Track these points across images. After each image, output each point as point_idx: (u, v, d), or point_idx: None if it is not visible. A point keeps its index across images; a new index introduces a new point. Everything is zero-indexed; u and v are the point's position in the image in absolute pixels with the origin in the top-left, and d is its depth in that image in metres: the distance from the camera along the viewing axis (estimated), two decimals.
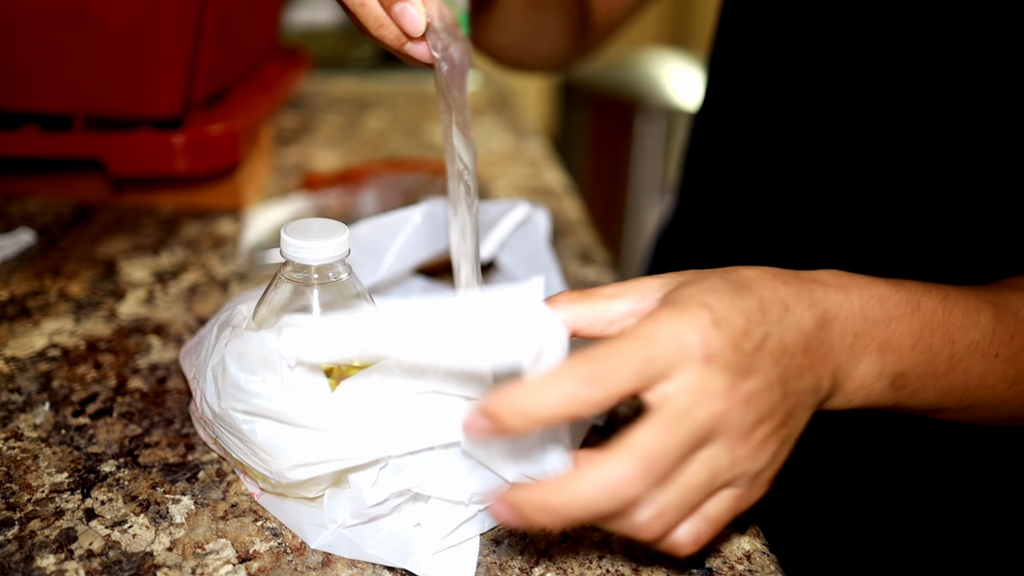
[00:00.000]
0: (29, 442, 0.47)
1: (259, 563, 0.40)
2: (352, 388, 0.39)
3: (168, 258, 0.67)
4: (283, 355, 0.38)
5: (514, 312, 0.34)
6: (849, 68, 0.56)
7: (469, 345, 0.34)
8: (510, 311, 0.34)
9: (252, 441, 0.39)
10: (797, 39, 0.59)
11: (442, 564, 0.40)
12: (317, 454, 0.39)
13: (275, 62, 0.85)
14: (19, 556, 0.39)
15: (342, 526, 0.41)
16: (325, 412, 0.39)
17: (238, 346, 0.40)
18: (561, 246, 0.73)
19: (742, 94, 0.65)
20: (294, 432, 0.39)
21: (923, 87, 0.53)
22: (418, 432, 0.39)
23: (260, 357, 0.39)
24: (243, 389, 0.39)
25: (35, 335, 0.56)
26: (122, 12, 0.61)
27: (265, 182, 0.81)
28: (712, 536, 0.36)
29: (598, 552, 0.42)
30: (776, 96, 0.61)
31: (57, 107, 0.66)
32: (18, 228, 0.69)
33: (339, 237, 0.42)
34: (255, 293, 0.46)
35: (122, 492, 0.43)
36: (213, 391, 0.41)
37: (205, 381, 0.42)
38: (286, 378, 0.39)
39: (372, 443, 0.39)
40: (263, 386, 0.39)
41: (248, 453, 0.40)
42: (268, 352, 0.39)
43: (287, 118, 1.00)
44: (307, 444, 0.39)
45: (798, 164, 0.60)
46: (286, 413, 0.39)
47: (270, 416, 0.39)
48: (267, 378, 0.39)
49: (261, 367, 0.39)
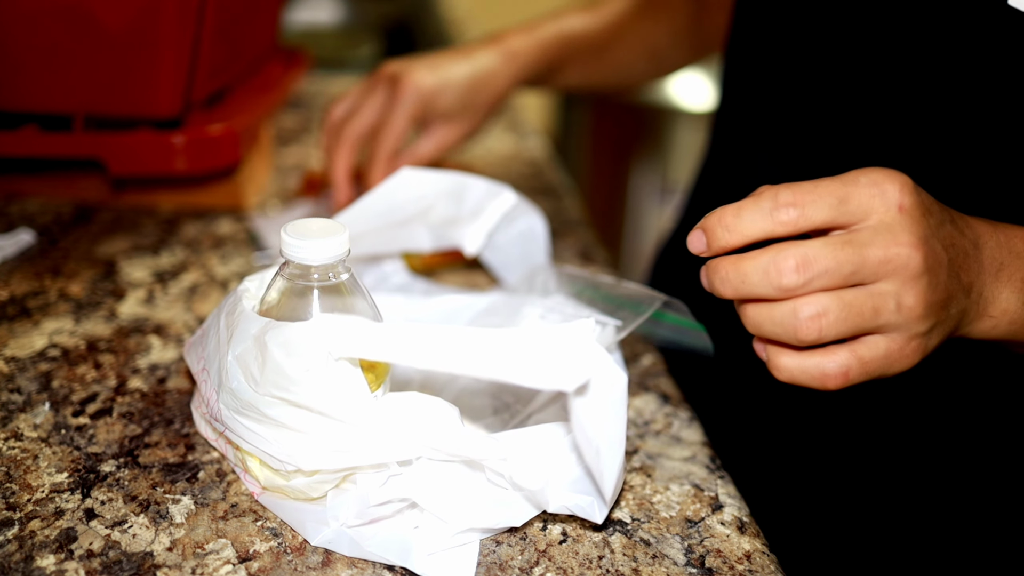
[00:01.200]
0: (29, 442, 0.47)
1: (259, 563, 0.40)
2: (395, 397, 0.40)
3: (168, 258, 0.67)
4: (331, 348, 0.39)
5: (566, 344, 0.37)
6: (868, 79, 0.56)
7: (519, 367, 0.36)
8: (563, 343, 0.37)
9: (282, 424, 0.40)
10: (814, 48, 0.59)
11: (442, 564, 0.40)
12: (340, 445, 0.39)
13: (275, 62, 0.85)
14: (19, 556, 0.39)
15: (344, 525, 0.41)
16: (365, 411, 0.39)
17: (284, 334, 0.40)
18: (561, 246, 0.73)
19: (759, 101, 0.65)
20: (321, 421, 0.39)
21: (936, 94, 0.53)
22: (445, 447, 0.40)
23: (306, 346, 0.39)
24: (288, 376, 0.39)
25: (35, 335, 0.56)
26: (122, 12, 0.61)
27: (265, 182, 0.81)
28: (859, 378, 0.38)
29: (598, 552, 0.42)
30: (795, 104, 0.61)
31: (57, 107, 0.66)
32: (18, 228, 0.69)
33: (339, 237, 0.42)
34: (259, 275, 0.47)
35: (122, 492, 0.43)
36: (240, 378, 0.41)
37: (225, 370, 0.42)
38: (328, 371, 0.39)
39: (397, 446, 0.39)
40: (307, 376, 0.39)
41: (266, 442, 0.40)
42: (314, 343, 0.39)
43: (287, 118, 1.00)
44: (332, 434, 0.39)
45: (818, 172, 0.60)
46: (327, 406, 0.39)
47: (308, 406, 0.39)
48: (311, 368, 0.39)
49: (305, 356, 0.39)
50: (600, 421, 0.38)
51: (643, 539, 0.43)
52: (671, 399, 0.55)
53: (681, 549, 0.42)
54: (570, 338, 0.37)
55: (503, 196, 0.59)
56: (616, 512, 0.44)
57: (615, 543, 0.42)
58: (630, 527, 0.43)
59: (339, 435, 0.39)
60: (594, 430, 0.38)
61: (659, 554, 0.42)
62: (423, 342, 0.38)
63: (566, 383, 0.36)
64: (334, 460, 0.40)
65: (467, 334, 0.38)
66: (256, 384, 0.40)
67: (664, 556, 0.42)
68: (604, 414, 0.38)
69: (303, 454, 0.40)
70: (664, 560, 0.41)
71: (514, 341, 0.37)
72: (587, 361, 0.37)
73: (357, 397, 0.39)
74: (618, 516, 0.44)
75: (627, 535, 0.43)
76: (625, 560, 0.41)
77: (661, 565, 0.41)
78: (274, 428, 0.40)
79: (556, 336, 0.37)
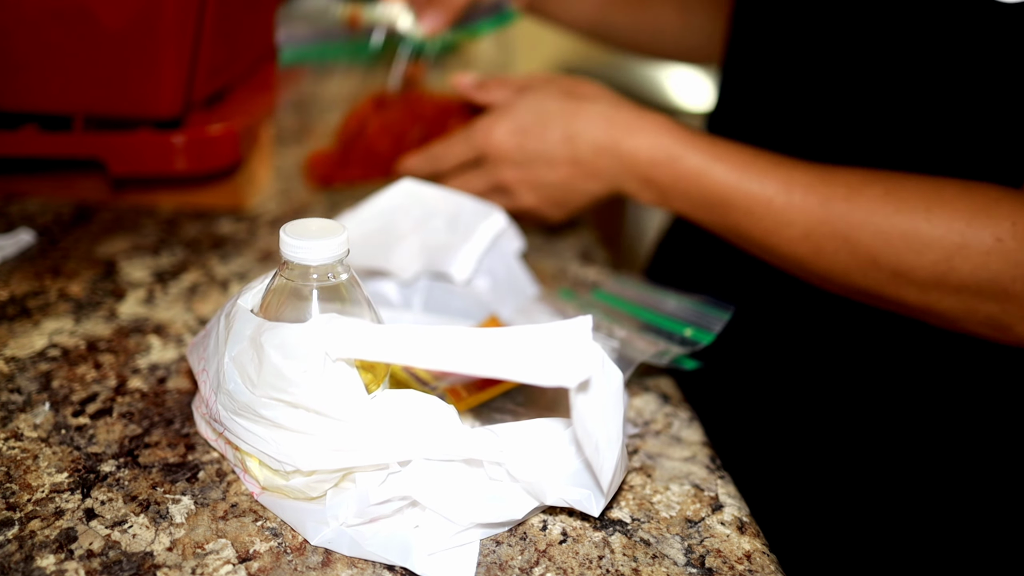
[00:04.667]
0: (29, 442, 0.47)
1: (259, 563, 0.40)
2: (392, 395, 0.40)
3: (168, 258, 0.67)
4: (328, 349, 0.39)
5: (566, 341, 0.37)
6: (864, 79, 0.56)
7: (521, 365, 0.37)
8: (562, 340, 0.37)
9: (279, 425, 0.40)
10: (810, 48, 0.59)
11: (442, 564, 0.40)
12: (338, 444, 0.39)
13: (275, 62, 0.85)
14: (19, 556, 0.39)
15: (344, 524, 0.41)
16: (363, 410, 0.39)
17: (281, 336, 0.40)
18: (561, 246, 0.73)
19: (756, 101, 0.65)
20: (319, 421, 0.39)
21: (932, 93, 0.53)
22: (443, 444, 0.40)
23: (303, 348, 0.39)
24: (285, 377, 0.39)
25: (35, 335, 0.56)
26: (122, 12, 0.61)
27: (265, 182, 0.81)
28: None
29: (598, 552, 0.42)
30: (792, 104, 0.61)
31: (57, 107, 0.66)
32: (18, 228, 0.69)
33: (338, 237, 0.42)
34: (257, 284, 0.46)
35: (122, 492, 0.43)
36: (237, 379, 0.41)
37: (222, 371, 0.42)
38: (325, 371, 0.39)
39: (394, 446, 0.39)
40: (304, 377, 0.39)
41: (264, 442, 0.40)
42: (311, 344, 0.39)
43: (287, 118, 1.00)
44: (330, 434, 0.39)
45: None
46: (325, 406, 0.39)
47: (306, 407, 0.39)
48: (308, 369, 0.39)
49: (302, 358, 0.39)
50: (600, 416, 0.39)
51: (643, 539, 0.43)
52: (671, 399, 0.55)
53: (681, 549, 0.42)
54: (569, 334, 0.37)
55: (493, 218, 0.59)
56: (616, 512, 0.44)
57: (615, 543, 0.42)
58: (630, 527, 0.43)
59: (337, 435, 0.39)
60: (594, 424, 0.38)
61: (659, 554, 0.42)
62: (422, 342, 0.38)
63: (569, 379, 0.36)
64: (332, 460, 0.40)
65: (467, 333, 0.38)
66: (253, 386, 0.40)
67: (664, 556, 0.42)
68: (603, 409, 0.39)
69: (301, 454, 0.40)
70: (664, 560, 0.41)
71: (514, 339, 0.37)
72: (587, 358, 0.37)
73: (354, 397, 0.39)
74: (618, 516, 0.44)
75: (627, 535, 0.43)
76: (625, 560, 0.41)
77: (661, 565, 0.41)
78: (271, 429, 0.40)
79: (555, 333, 0.37)
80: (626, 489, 0.46)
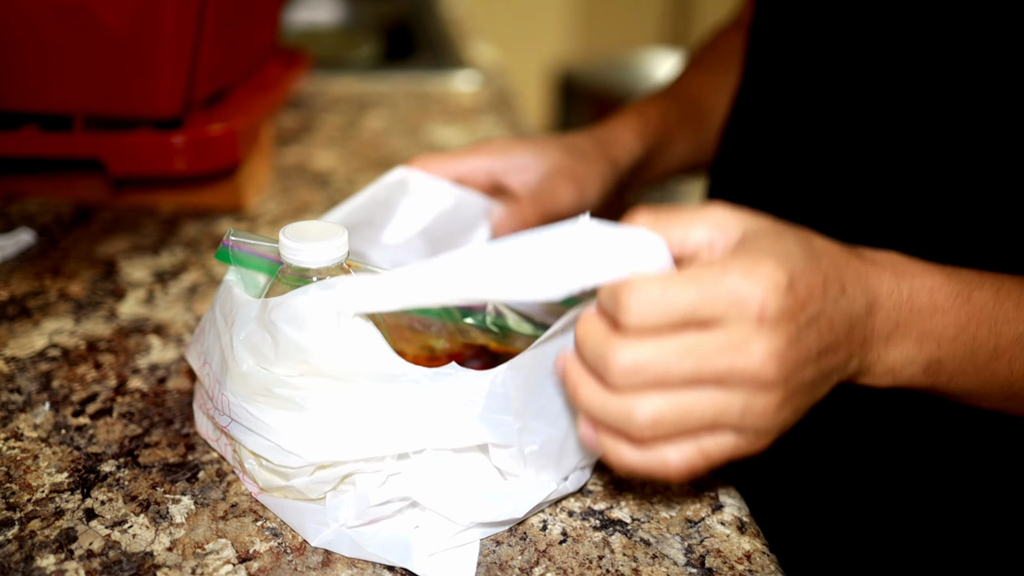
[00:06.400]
0: (29, 442, 0.47)
1: (259, 563, 0.40)
2: None
3: (168, 258, 0.67)
4: (340, 308, 0.38)
5: (580, 241, 0.35)
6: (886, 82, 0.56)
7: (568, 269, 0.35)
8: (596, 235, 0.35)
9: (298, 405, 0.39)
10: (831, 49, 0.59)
11: (442, 564, 0.40)
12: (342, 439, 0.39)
13: (275, 62, 0.85)
14: (19, 556, 0.39)
15: (344, 525, 0.41)
16: (387, 360, 0.39)
17: (290, 308, 0.39)
18: None
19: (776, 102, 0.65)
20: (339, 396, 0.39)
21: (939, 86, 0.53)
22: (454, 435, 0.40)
23: (315, 313, 0.38)
24: (303, 348, 0.38)
25: (35, 335, 0.56)
26: (122, 12, 0.61)
27: (265, 182, 0.81)
28: (703, 470, 0.36)
29: (598, 552, 0.42)
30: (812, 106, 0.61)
31: (57, 107, 0.66)
32: (18, 228, 0.69)
33: (337, 240, 0.42)
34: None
35: (122, 492, 0.43)
36: (250, 361, 0.40)
37: (231, 357, 0.41)
38: (342, 331, 0.38)
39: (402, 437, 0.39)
40: (321, 342, 0.38)
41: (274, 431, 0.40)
42: (322, 307, 0.38)
43: (287, 118, 1.00)
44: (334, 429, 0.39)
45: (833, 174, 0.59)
46: (347, 367, 0.39)
47: (330, 373, 0.39)
48: (324, 333, 0.38)
49: (316, 323, 0.38)
50: None
51: (643, 539, 0.43)
52: None
53: (681, 549, 0.42)
54: (580, 234, 0.36)
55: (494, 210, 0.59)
56: (616, 512, 0.44)
57: (615, 543, 0.42)
58: (630, 527, 0.43)
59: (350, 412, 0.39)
60: None
61: (659, 554, 0.42)
62: (432, 277, 0.36)
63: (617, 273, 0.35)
64: (340, 451, 0.39)
65: (470, 257, 0.36)
66: (271, 364, 0.39)
67: (664, 556, 0.42)
68: None
69: (311, 444, 0.39)
70: (664, 560, 0.41)
71: (521, 252, 0.35)
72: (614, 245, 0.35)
73: (375, 350, 0.39)
74: (618, 516, 0.44)
75: (627, 535, 0.43)
76: (625, 560, 0.41)
77: (661, 565, 0.41)
78: (284, 413, 0.40)
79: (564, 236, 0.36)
80: (626, 489, 0.46)
